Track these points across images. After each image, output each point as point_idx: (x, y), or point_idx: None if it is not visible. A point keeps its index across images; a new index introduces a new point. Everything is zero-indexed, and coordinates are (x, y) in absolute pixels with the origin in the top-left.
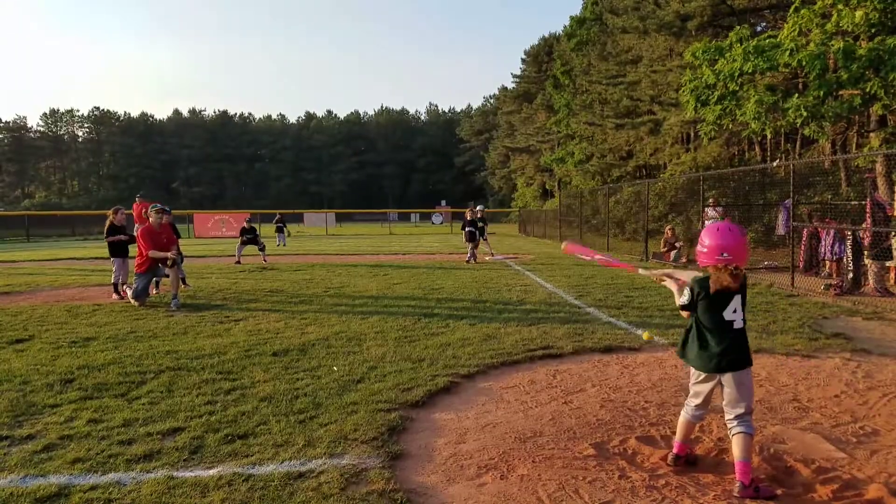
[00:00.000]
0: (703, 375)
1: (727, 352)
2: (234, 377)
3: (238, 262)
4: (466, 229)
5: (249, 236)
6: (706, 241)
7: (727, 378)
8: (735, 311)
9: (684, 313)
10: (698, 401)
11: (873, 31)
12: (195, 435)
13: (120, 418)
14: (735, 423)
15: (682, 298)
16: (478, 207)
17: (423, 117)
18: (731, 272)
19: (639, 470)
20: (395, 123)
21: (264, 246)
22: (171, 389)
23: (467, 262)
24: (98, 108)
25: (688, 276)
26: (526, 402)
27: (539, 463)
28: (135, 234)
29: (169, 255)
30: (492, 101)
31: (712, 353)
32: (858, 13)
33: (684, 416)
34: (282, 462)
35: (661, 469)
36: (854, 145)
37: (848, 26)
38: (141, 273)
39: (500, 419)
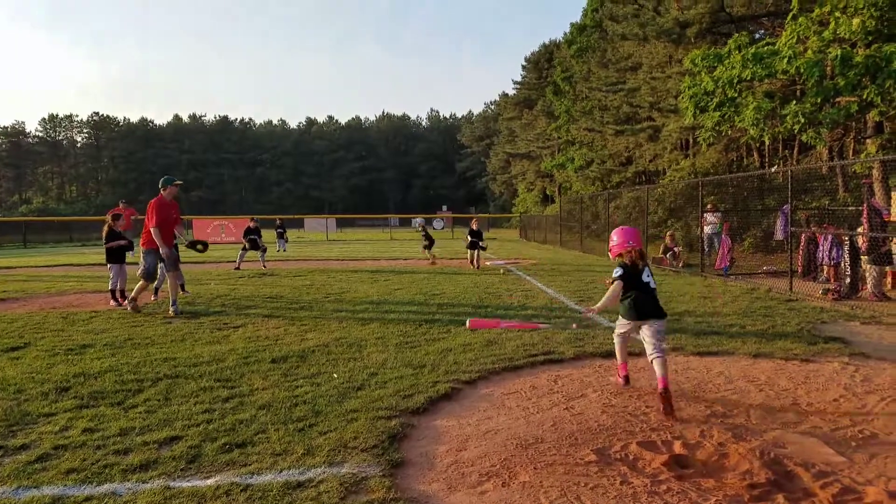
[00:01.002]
0: (629, 323)
1: (646, 305)
2: (233, 385)
3: (237, 268)
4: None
5: (253, 237)
6: (616, 238)
7: (646, 324)
8: (647, 276)
9: (614, 284)
10: (623, 332)
11: (870, 38)
12: (192, 444)
13: (116, 427)
14: (655, 354)
15: (615, 273)
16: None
17: (424, 123)
18: (637, 253)
19: (640, 475)
20: (396, 129)
21: (266, 248)
22: (168, 397)
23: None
24: (97, 114)
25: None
26: (527, 407)
27: (541, 469)
28: (138, 220)
29: (164, 248)
30: (493, 107)
31: (636, 308)
32: (855, 21)
33: (618, 341)
34: (280, 471)
35: (662, 475)
36: (851, 151)
37: (845, 34)
38: (150, 249)
39: (501, 425)
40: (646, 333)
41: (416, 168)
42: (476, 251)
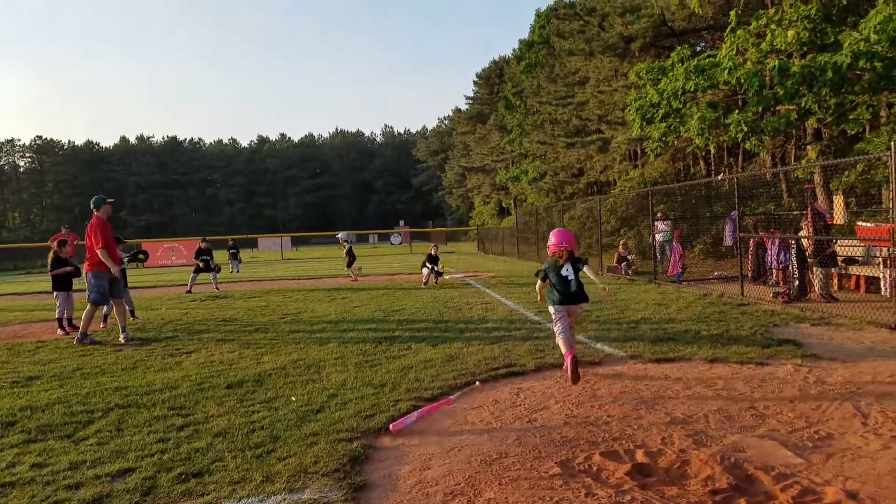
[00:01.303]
0: (559, 308)
1: (567, 294)
2: (187, 412)
3: (189, 292)
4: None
5: (205, 258)
6: (552, 239)
7: (571, 308)
8: (566, 270)
9: (540, 283)
10: (563, 324)
11: (805, 49)
12: (147, 475)
13: (66, 461)
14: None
15: (537, 274)
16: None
17: (378, 139)
18: (566, 252)
19: (604, 486)
20: (350, 145)
21: (219, 268)
22: (120, 428)
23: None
24: (41, 137)
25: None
26: (490, 422)
27: (506, 485)
28: (83, 234)
29: (115, 267)
30: (446, 122)
31: (560, 295)
32: (790, 32)
33: (562, 335)
34: (239, 500)
35: (626, 485)
36: (793, 158)
37: (781, 45)
38: (99, 272)
39: (465, 442)
40: (570, 317)
41: (372, 184)
42: (430, 273)
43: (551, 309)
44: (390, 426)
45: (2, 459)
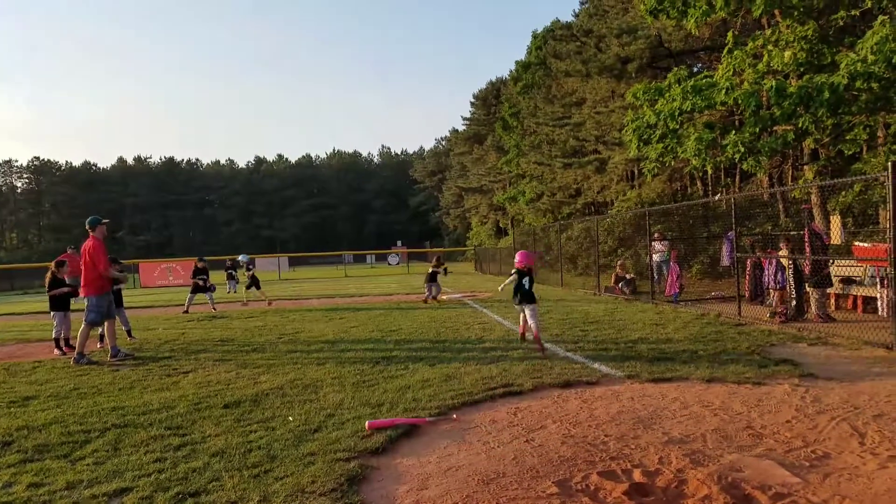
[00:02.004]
0: (518, 305)
1: (524, 297)
2: (184, 432)
3: (186, 312)
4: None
5: (202, 277)
6: (518, 258)
7: (526, 307)
8: (525, 281)
9: (511, 285)
10: (522, 317)
11: (802, 69)
12: (144, 495)
13: (63, 481)
14: (531, 322)
15: (512, 272)
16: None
17: (376, 159)
18: (526, 267)
19: None
20: (347, 166)
21: (214, 288)
22: (117, 448)
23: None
24: (38, 158)
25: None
26: (488, 442)
27: None
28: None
29: (123, 275)
30: (443, 142)
31: (519, 297)
32: (787, 53)
33: (521, 319)
34: None
35: None
36: (790, 178)
37: (778, 66)
38: (100, 295)
39: (462, 462)
40: (526, 313)
41: (370, 204)
42: (433, 285)
43: (515, 304)
44: (367, 424)
45: None
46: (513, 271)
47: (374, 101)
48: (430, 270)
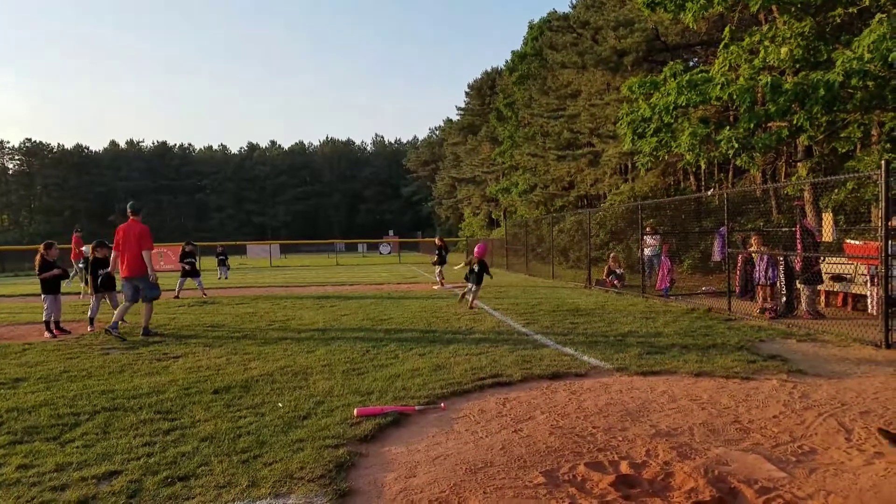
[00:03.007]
0: (470, 284)
1: (476, 279)
2: (174, 417)
3: (177, 297)
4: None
5: (189, 260)
6: (475, 249)
7: (473, 286)
8: (479, 266)
9: (469, 259)
10: (469, 289)
11: (797, 66)
12: (133, 478)
13: (52, 463)
14: (472, 294)
15: (469, 259)
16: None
17: (369, 148)
18: (480, 258)
19: (588, 496)
20: (340, 154)
21: (198, 272)
22: (106, 431)
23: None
24: (30, 140)
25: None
26: (476, 431)
27: (490, 494)
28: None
29: (154, 274)
30: (437, 132)
31: (473, 278)
32: (783, 49)
33: (471, 294)
34: None
35: (609, 495)
36: (783, 174)
37: (774, 62)
38: (143, 276)
39: (450, 450)
40: (472, 289)
41: (362, 193)
42: (441, 267)
43: (469, 284)
44: (356, 410)
45: None
46: (470, 258)
47: (369, 88)
48: (438, 253)
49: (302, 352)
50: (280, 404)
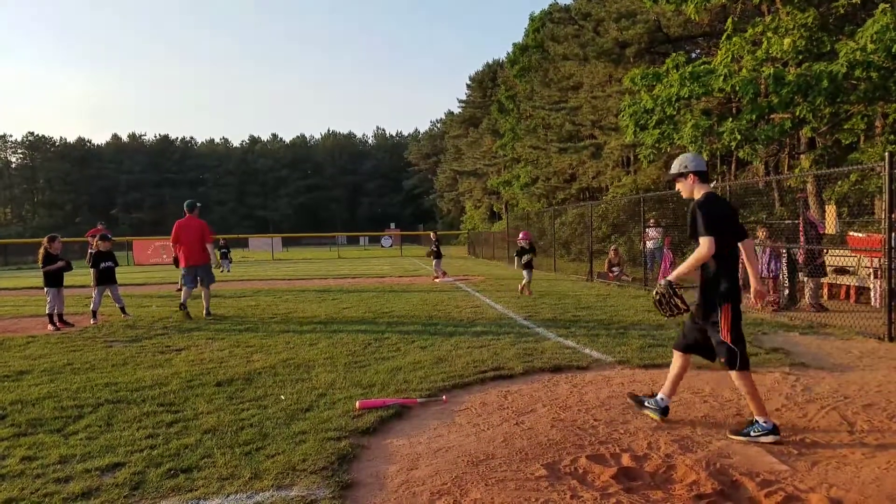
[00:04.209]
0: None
1: (525, 266)
2: (177, 409)
3: (180, 290)
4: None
5: None
6: (520, 237)
7: (525, 270)
8: (529, 256)
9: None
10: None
11: (801, 57)
12: (136, 470)
13: (56, 455)
14: (526, 278)
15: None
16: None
17: (370, 141)
18: (530, 244)
19: (590, 489)
20: (342, 147)
21: None
22: (110, 423)
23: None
24: (32, 134)
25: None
26: (478, 424)
27: (492, 486)
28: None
29: (214, 259)
30: (439, 125)
31: (522, 264)
32: (787, 41)
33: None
34: (227, 496)
35: (611, 487)
36: (786, 166)
37: (777, 53)
38: (207, 264)
39: (452, 443)
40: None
41: (364, 186)
42: (437, 264)
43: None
44: (358, 403)
45: None
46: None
47: (370, 81)
48: (434, 248)
49: (304, 344)
50: (282, 397)
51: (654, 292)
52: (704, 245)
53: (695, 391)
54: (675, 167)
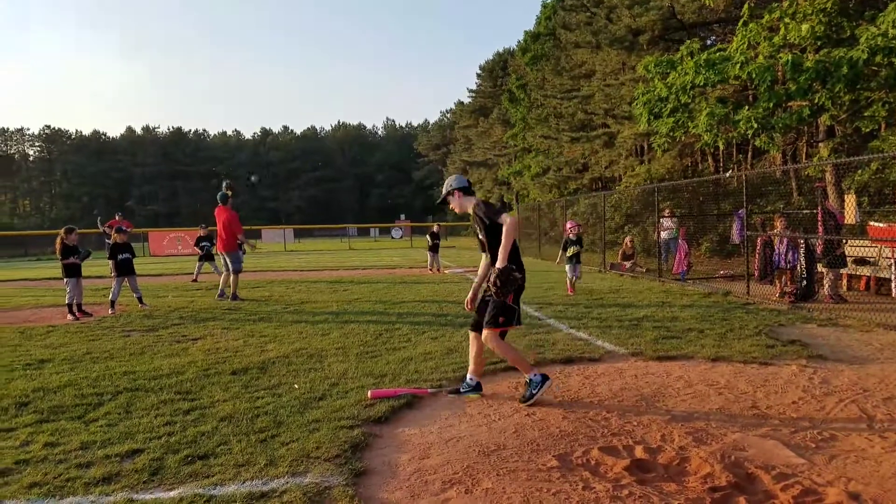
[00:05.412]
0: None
1: (572, 260)
2: (193, 397)
3: (195, 280)
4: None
5: (204, 244)
6: (567, 226)
7: (571, 265)
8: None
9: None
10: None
11: (819, 43)
12: (154, 456)
13: (77, 441)
14: (572, 275)
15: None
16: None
17: (380, 132)
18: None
19: (602, 480)
20: (352, 138)
21: (213, 256)
22: (128, 410)
23: (430, 270)
24: (49, 127)
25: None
26: (489, 414)
27: (503, 476)
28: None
29: (247, 245)
30: (448, 115)
31: (569, 260)
32: (804, 26)
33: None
34: (243, 482)
35: (624, 479)
36: (804, 155)
37: (795, 39)
38: (236, 251)
39: (463, 433)
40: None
41: (373, 177)
42: (435, 255)
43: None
44: (369, 392)
45: (16, 438)
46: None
47: (380, 72)
48: (431, 231)
49: (316, 334)
50: (296, 385)
51: (495, 277)
52: (509, 222)
53: (710, 383)
54: (444, 190)
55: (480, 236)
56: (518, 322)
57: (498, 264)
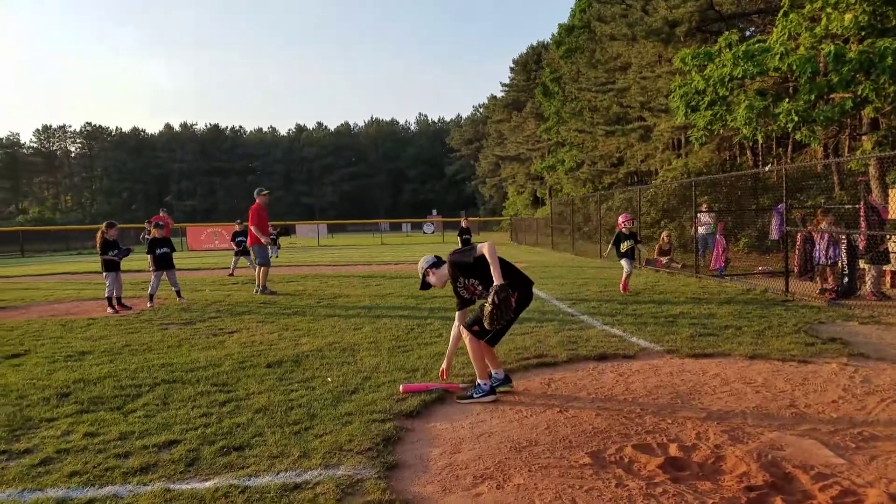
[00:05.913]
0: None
1: (625, 254)
2: (229, 389)
3: (231, 275)
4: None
5: (240, 239)
6: (620, 220)
7: (624, 259)
8: (628, 241)
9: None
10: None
11: (863, 33)
12: (191, 447)
13: (116, 431)
14: (627, 269)
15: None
16: (462, 219)
17: (413, 127)
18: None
19: (636, 478)
20: (385, 134)
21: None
22: (166, 402)
23: None
24: (90, 124)
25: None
26: (521, 410)
27: (535, 472)
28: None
29: (265, 238)
30: (481, 110)
31: (621, 255)
32: (847, 16)
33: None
34: (277, 474)
35: (657, 477)
36: (847, 148)
37: (837, 29)
38: (261, 245)
39: (495, 428)
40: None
41: (406, 173)
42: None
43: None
44: (401, 386)
45: (58, 428)
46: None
47: (412, 67)
48: (462, 238)
49: (349, 329)
50: (329, 379)
51: (490, 301)
52: (486, 246)
53: (747, 381)
54: (420, 277)
55: (464, 294)
56: (490, 343)
57: (496, 281)
